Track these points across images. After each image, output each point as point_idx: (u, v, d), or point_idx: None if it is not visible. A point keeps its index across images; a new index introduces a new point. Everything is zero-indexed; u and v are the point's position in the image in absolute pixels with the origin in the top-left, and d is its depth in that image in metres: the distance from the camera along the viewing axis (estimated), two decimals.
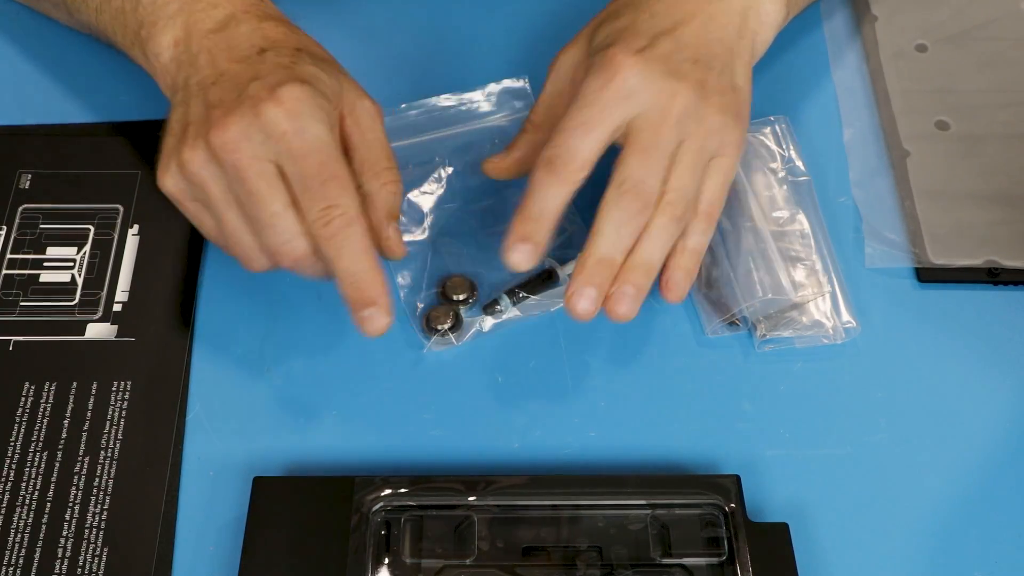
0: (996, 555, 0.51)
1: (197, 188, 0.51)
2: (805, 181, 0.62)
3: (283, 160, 0.49)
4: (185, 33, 0.54)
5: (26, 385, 0.55)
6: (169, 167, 0.52)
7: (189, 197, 0.52)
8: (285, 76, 0.50)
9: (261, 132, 0.49)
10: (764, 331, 0.57)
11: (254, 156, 0.49)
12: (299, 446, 0.54)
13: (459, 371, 0.56)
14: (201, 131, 0.50)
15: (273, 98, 0.49)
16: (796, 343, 0.57)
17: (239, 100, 0.50)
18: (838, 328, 0.57)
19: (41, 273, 0.58)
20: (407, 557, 0.49)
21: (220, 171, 0.50)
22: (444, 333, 0.56)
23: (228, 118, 0.49)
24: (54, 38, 0.68)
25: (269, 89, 0.49)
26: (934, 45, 0.68)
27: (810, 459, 0.54)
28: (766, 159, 0.62)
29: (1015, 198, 0.62)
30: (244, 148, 0.49)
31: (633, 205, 0.51)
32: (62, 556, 0.50)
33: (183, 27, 0.54)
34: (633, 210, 0.51)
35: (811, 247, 0.59)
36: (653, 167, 0.51)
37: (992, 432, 0.55)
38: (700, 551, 0.49)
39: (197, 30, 0.54)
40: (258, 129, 0.49)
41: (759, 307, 0.57)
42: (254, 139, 0.49)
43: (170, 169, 0.51)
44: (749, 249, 0.59)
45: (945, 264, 0.59)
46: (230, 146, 0.49)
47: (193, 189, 0.52)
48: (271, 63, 0.52)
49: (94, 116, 0.65)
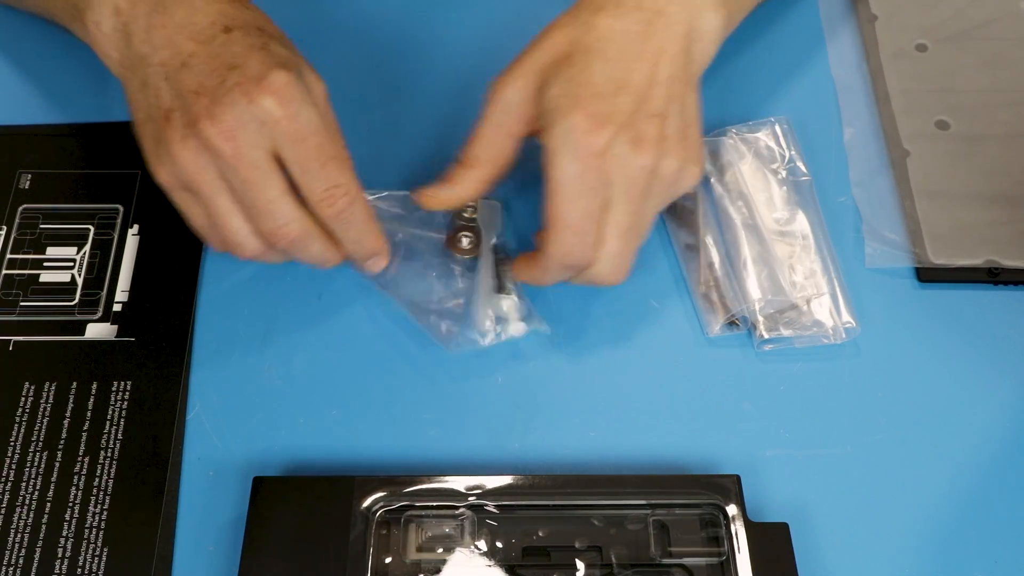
0: (996, 555, 0.51)
1: (188, 178, 0.51)
2: (806, 181, 0.62)
3: (280, 146, 0.50)
4: (129, 3, 0.53)
5: (26, 385, 0.55)
6: (162, 159, 0.51)
7: (180, 187, 0.52)
8: (268, 62, 0.50)
9: (255, 120, 0.49)
10: (764, 331, 0.57)
11: (250, 145, 0.49)
12: (299, 446, 0.54)
13: (459, 371, 0.56)
14: (188, 121, 0.49)
15: (263, 86, 0.49)
16: (796, 343, 0.57)
17: (224, 88, 0.49)
18: (838, 328, 0.57)
19: (41, 273, 0.58)
20: (407, 557, 0.49)
21: (212, 160, 0.50)
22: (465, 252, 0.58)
23: (218, 108, 0.49)
24: (54, 38, 0.68)
25: (256, 78, 0.49)
26: (934, 45, 0.68)
27: (810, 459, 0.54)
28: (767, 159, 0.62)
29: (1015, 198, 0.62)
30: (240, 137, 0.49)
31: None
32: (62, 556, 0.50)
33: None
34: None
35: (811, 247, 0.59)
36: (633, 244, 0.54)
37: (992, 432, 0.55)
38: (700, 551, 0.49)
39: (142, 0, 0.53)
40: (251, 117, 0.49)
41: (759, 307, 0.57)
42: (249, 127, 0.49)
43: (163, 161, 0.51)
44: (749, 249, 0.59)
45: (945, 264, 0.59)
46: (225, 136, 0.49)
47: (185, 179, 0.51)
48: (242, 44, 0.51)
49: (94, 116, 0.65)
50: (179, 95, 0.50)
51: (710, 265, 0.59)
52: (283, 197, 0.50)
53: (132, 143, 0.63)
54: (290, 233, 0.51)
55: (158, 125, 0.51)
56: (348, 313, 0.58)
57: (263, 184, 0.50)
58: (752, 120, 0.64)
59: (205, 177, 0.50)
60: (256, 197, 0.50)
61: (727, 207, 0.61)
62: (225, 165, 0.49)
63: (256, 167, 0.49)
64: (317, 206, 0.51)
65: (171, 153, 0.50)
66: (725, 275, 0.58)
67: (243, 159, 0.49)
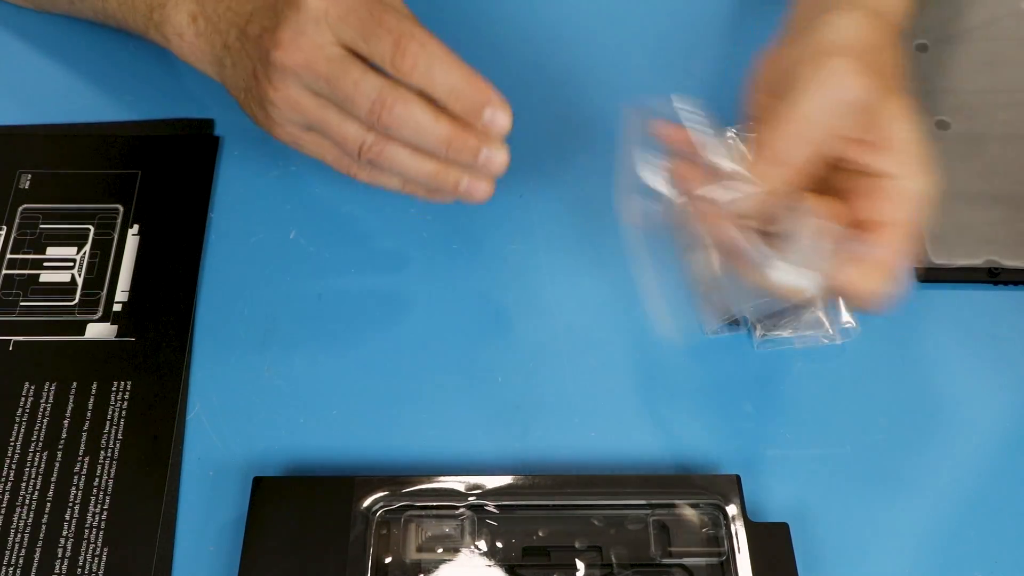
0: (996, 555, 0.51)
1: (294, 116, 0.53)
2: None
3: (339, 32, 0.50)
4: (199, 6, 0.56)
5: (26, 385, 0.55)
6: (270, 116, 0.53)
7: (298, 134, 0.54)
8: None
9: (309, 23, 0.50)
10: (763, 331, 0.56)
11: (315, 46, 0.50)
12: (299, 446, 0.54)
13: (459, 371, 0.56)
14: (263, 63, 0.52)
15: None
16: (796, 343, 0.57)
17: (276, 15, 0.51)
18: (838, 328, 0.57)
19: (41, 273, 0.58)
20: (407, 557, 0.49)
21: (298, 84, 0.51)
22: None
23: (276, 33, 0.51)
24: (53, 38, 0.68)
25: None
26: (934, 45, 0.68)
27: (810, 459, 0.54)
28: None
29: (1015, 198, 0.62)
30: (303, 44, 0.50)
31: None
32: (62, 556, 0.50)
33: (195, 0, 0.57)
34: None
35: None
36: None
37: (992, 432, 0.55)
38: (700, 551, 0.49)
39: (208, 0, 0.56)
40: (305, 22, 0.50)
41: (758, 308, 0.57)
42: (307, 31, 0.50)
43: (272, 117, 0.53)
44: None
45: (945, 264, 0.59)
46: (291, 51, 0.50)
47: (293, 119, 0.53)
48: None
49: (94, 116, 0.65)
50: (252, 50, 0.53)
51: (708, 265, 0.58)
52: (366, 74, 0.50)
53: (132, 143, 0.64)
54: (388, 103, 0.50)
55: (252, 90, 0.53)
56: (348, 313, 0.58)
57: (343, 71, 0.50)
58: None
59: (304, 104, 0.52)
60: (343, 87, 0.51)
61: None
62: (309, 78, 0.51)
63: (331, 60, 0.50)
64: (393, 66, 0.50)
65: (271, 103, 0.52)
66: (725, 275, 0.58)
67: (316, 61, 0.50)
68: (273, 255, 0.60)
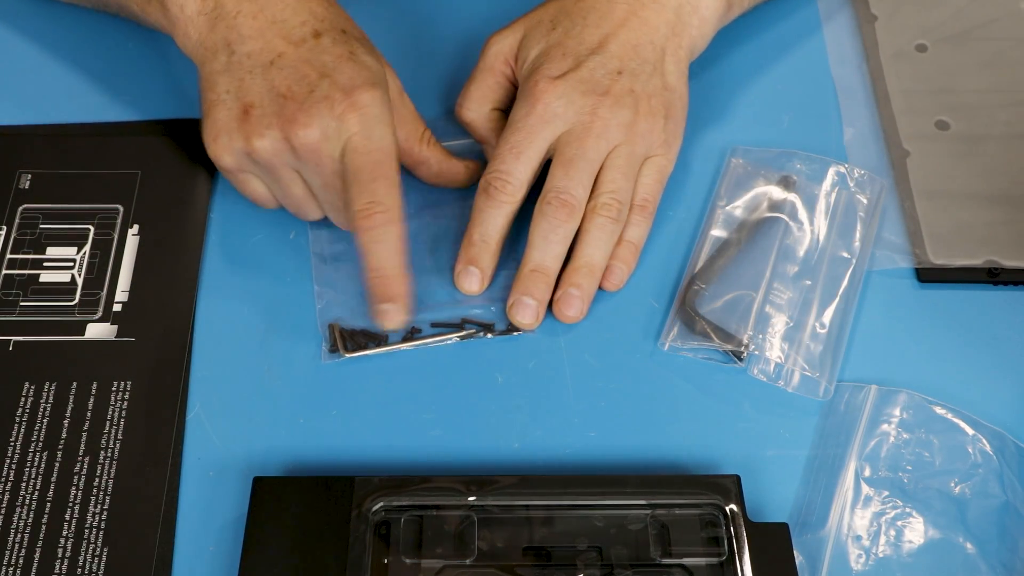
0: (996, 555, 0.51)
1: (261, 167, 0.55)
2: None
3: (345, 152, 0.53)
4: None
5: (26, 385, 0.55)
6: (231, 146, 0.54)
7: (244, 170, 0.56)
8: (356, 77, 0.53)
9: (337, 134, 0.53)
10: (745, 352, 0.56)
11: (328, 153, 0.53)
12: (299, 446, 0.54)
13: (459, 371, 0.56)
14: (274, 122, 0.53)
15: (350, 104, 0.52)
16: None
17: (313, 99, 0.52)
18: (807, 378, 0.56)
19: (41, 273, 0.58)
20: (407, 557, 0.49)
21: (293, 158, 0.53)
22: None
23: (307, 117, 0.52)
24: (53, 37, 0.68)
25: (345, 92, 0.52)
26: (934, 45, 0.68)
27: (810, 459, 0.54)
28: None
29: (1015, 198, 0.62)
30: (324, 149, 0.52)
31: (558, 214, 0.56)
32: (62, 556, 0.50)
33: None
34: (559, 219, 0.56)
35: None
36: (575, 177, 0.56)
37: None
38: (700, 551, 0.49)
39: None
40: (335, 131, 0.52)
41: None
42: (332, 140, 0.53)
43: (232, 148, 0.54)
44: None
45: (945, 264, 0.59)
46: (312, 146, 0.52)
47: (255, 167, 0.55)
48: (331, 53, 0.54)
49: (94, 116, 0.65)
50: (267, 93, 0.53)
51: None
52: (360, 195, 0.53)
53: (132, 143, 0.63)
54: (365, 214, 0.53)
55: (234, 114, 0.54)
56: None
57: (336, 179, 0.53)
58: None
59: (283, 171, 0.54)
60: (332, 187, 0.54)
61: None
62: (302, 164, 0.54)
63: (335, 175, 0.53)
64: (355, 216, 0.52)
65: (247, 142, 0.53)
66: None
67: (323, 167, 0.53)
68: (273, 255, 0.60)
